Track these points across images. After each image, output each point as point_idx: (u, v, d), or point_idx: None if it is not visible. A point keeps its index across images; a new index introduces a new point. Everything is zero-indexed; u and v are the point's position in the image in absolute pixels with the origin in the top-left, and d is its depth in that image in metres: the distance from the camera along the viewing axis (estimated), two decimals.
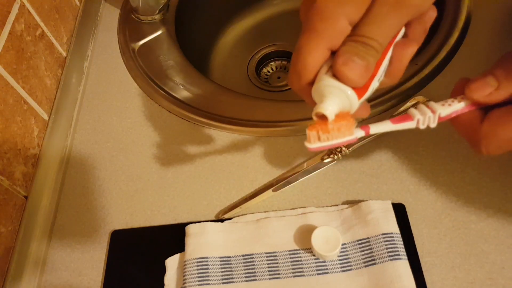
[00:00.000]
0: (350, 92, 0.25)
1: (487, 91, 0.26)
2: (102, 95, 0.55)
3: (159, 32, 0.59)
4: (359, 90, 0.26)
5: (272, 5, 0.75)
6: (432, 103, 0.27)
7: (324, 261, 0.38)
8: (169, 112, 0.52)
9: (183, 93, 0.53)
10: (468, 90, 0.27)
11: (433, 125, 0.27)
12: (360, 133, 0.27)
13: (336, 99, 0.25)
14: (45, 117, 0.50)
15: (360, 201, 0.41)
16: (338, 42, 0.25)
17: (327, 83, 0.25)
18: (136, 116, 0.52)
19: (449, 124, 0.40)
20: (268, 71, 0.71)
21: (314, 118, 0.27)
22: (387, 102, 0.47)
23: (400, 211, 0.40)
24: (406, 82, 0.48)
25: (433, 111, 0.27)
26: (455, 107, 0.27)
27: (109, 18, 0.63)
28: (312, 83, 0.26)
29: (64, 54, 0.56)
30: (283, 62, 0.72)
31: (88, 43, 0.60)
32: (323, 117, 0.26)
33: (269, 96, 0.67)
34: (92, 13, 0.63)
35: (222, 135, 0.49)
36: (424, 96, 0.46)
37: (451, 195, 0.41)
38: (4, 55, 0.43)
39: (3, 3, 0.44)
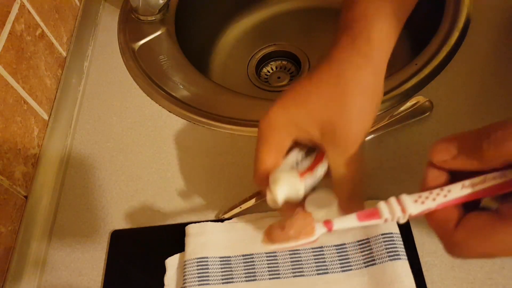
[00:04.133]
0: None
1: (444, 157, 0.25)
2: (102, 95, 0.55)
3: (159, 32, 0.59)
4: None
5: (272, 5, 0.75)
6: (404, 199, 0.25)
7: (324, 261, 0.38)
8: (169, 112, 0.52)
9: (183, 93, 0.53)
10: (431, 152, 0.26)
11: (402, 221, 0.26)
12: (322, 230, 0.26)
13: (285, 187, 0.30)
14: (45, 117, 0.50)
15: None
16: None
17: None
18: (136, 116, 0.52)
19: (449, 124, 0.40)
20: (268, 71, 0.71)
21: (268, 195, 0.32)
22: (387, 102, 0.47)
23: None
24: (406, 82, 0.48)
25: (404, 210, 0.25)
26: (428, 205, 0.25)
27: (109, 18, 0.63)
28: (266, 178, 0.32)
29: (64, 54, 0.56)
30: (283, 62, 0.72)
31: (88, 43, 0.60)
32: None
33: (269, 96, 0.67)
34: (92, 13, 0.63)
35: (222, 135, 0.49)
36: (424, 96, 0.46)
37: None
38: (4, 55, 0.43)
39: (3, 3, 0.44)
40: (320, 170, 0.32)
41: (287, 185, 0.30)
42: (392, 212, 0.25)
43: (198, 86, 0.53)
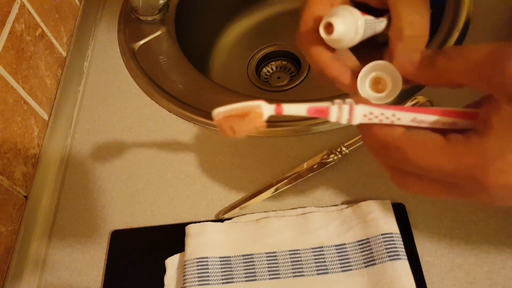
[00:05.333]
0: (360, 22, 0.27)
1: (405, 58, 0.26)
2: (102, 95, 0.55)
3: (159, 32, 0.59)
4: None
5: (272, 5, 0.75)
6: (356, 111, 0.26)
7: (324, 261, 0.38)
8: (169, 112, 0.52)
9: (183, 93, 0.53)
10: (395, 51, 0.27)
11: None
12: (271, 111, 0.27)
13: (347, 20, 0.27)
14: (45, 117, 0.50)
15: (360, 201, 0.41)
16: None
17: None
18: (136, 116, 0.52)
19: None
20: (268, 71, 0.71)
21: (322, 29, 0.27)
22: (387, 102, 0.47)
23: (400, 211, 0.40)
24: None
25: (350, 120, 0.26)
26: (372, 122, 0.26)
27: (109, 18, 0.63)
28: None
29: (64, 54, 0.56)
30: (283, 62, 0.72)
31: (88, 43, 0.60)
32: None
33: (269, 96, 0.67)
34: (92, 13, 0.63)
35: (222, 135, 0.48)
36: (424, 96, 0.46)
37: None
38: (4, 55, 0.43)
39: (3, 3, 0.44)
40: (381, 21, 0.29)
41: (347, 18, 0.27)
42: (339, 117, 0.26)
43: (198, 86, 0.53)
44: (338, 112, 0.26)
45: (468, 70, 0.24)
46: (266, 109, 0.27)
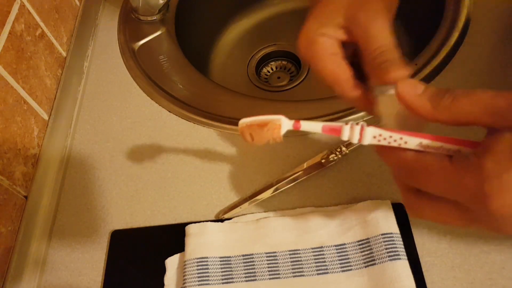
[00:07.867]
0: None
1: (409, 90, 0.27)
2: (102, 95, 0.55)
3: (159, 32, 0.59)
4: None
5: (272, 5, 0.75)
6: (366, 132, 0.28)
7: (324, 261, 0.38)
8: (169, 112, 0.52)
9: (183, 93, 0.53)
10: (399, 83, 0.28)
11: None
12: (289, 126, 0.30)
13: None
14: (45, 117, 0.50)
15: (360, 201, 0.41)
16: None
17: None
18: (136, 116, 0.52)
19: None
20: (268, 71, 0.71)
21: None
22: None
23: (400, 211, 0.40)
24: None
25: (360, 140, 0.28)
26: (381, 144, 0.28)
27: (109, 18, 0.63)
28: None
29: (64, 54, 0.56)
30: (283, 62, 0.72)
31: (88, 43, 0.60)
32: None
33: (269, 96, 0.67)
34: (92, 13, 0.63)
35: (222, 135, 0.49)
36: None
37: None
38: (4, 55, 0.43)
39: (3, 3, 0.44)
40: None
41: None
42: (350, 137, 0.29)
43: (198, 86, 0.53)
44: (350, 132, 0.28)
45: (482, 110, 0.24)
46: (285, 122, 0.30)
